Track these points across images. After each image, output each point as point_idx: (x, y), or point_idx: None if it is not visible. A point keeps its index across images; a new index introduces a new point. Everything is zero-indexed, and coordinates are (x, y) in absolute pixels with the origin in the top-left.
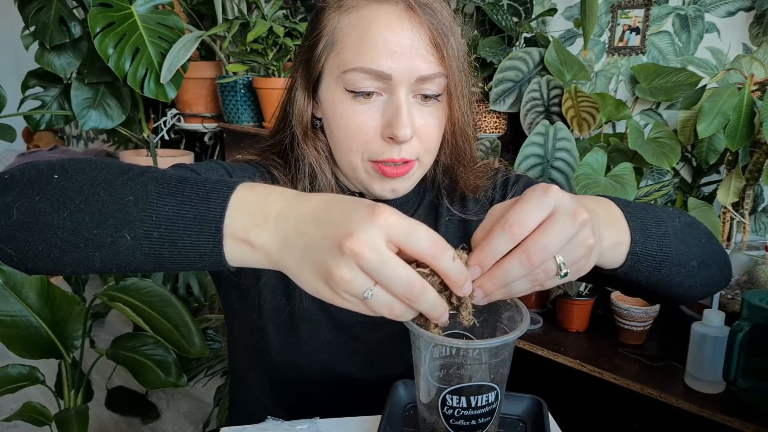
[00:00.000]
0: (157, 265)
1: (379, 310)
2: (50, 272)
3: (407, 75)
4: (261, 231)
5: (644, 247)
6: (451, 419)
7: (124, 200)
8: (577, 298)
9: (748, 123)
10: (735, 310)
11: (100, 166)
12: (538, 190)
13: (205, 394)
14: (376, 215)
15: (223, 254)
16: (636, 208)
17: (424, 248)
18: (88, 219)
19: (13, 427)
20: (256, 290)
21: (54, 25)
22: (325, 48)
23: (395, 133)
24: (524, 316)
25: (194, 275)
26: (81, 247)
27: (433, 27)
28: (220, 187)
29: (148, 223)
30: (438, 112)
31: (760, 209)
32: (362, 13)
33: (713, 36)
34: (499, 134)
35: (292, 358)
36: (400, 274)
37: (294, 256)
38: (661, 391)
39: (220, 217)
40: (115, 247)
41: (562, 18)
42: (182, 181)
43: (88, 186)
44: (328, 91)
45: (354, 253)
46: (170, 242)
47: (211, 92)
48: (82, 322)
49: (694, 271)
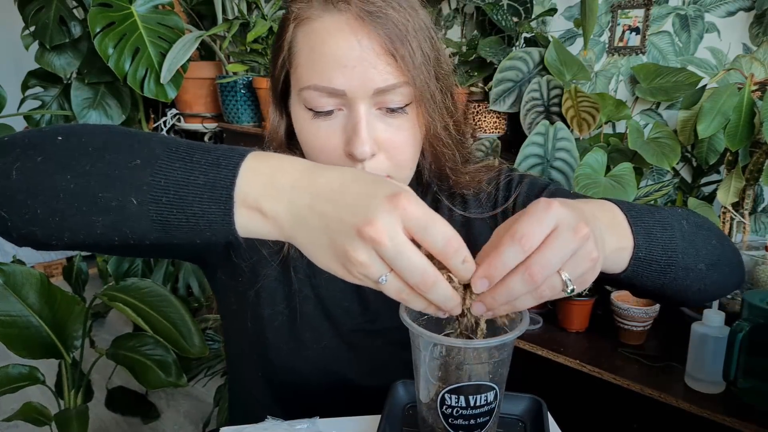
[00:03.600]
0: (162, 233)
1: (390, 294)
2: (44, 241)
3: (362, 89)
4: (274, 201)
5: (648, 251)
6: (450, 419)
7: (132, 164)
8: (577, 298)
9: (748, 123)
10: (735, 310)
11: (106, 130)
12: (541, 205)
13: (205, 394)
14: (396, 202)
15: (233, 222)
16: (641, 212)
17: (437, 244)
18: (93, 182)
19: (13, 427)
20: (253, 293)
21: (54, 25)
22: (284, 63)
23: (353, 152)
24: (524, 315)
25: (194, 275)
26: (84, 211)
27: (386, 35)
28: (231, 154)
29: (156, 188)
30: (407, 123)
31: (760, 209)
32: (313, 25)
33: (713, 36)
34: (499, 134)
35: (291, 364)
36: (415, 264)
37: (307, 232)
38: (661, 392)
39: (231, 185)
40: (121, 213)
41: (562, 18)
42: (192, 147)
43: (93, 149)
44: (294, 107)
45: (372, 240)
46: (178, 208)
47: (211, 92)
48: (82, 322)
49: (702, 274)
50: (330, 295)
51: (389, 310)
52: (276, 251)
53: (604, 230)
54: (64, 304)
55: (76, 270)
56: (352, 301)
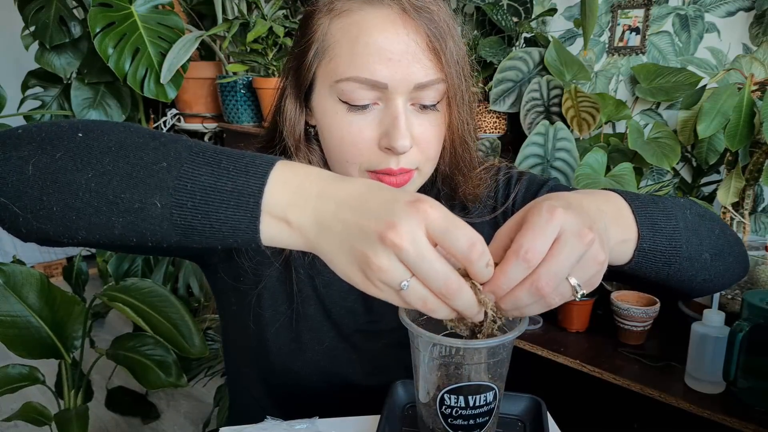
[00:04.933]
0: (183, 237)
1: (412, 303)
2: (55, 239)
3: (404, 83)
4: (300, 211)
5: (652, 242)
6: (450, 419)
7: (156, 166)
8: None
9: (748, 123)
10: (735, 310)
11: (128, 129)
12: (543, 212)
13: (205, 394)
14: (418, 207)
15: (258, 231)
16: (645, 202)
17: (462, 249)
18: (116, 182)
19: (13, 427)
20: (255, 294)
21: (54, 25)
22: (316, 55)
23: (393, 145)
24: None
25: (194, 275)
26: (103, 211)
27: (430, 31)
28: (259, 162)
29: (182, 192)
30: (437, 119)
31: (760, 209)
32: (354, 18)
33: (713, 36)
34: (499, 134)
35: (291, 365)
36: (438, 270)
37: (331, 240)
38: (661, 392)
39: (259, 193)
40: (142, 215)
41: (562, 18)
42: (218, 152)
43: (116, 147)
44: (321, 100)
45: (394, 245)
46: (204, 214)
47: (211, 92)
48: (82, 322)
49: (707, 264)
50: (332, 296)
51: (392, 311)
52: (278, 252)
53: (609, 222)
54: (64, 304)
55: (76, 270)
56: (355, 301)
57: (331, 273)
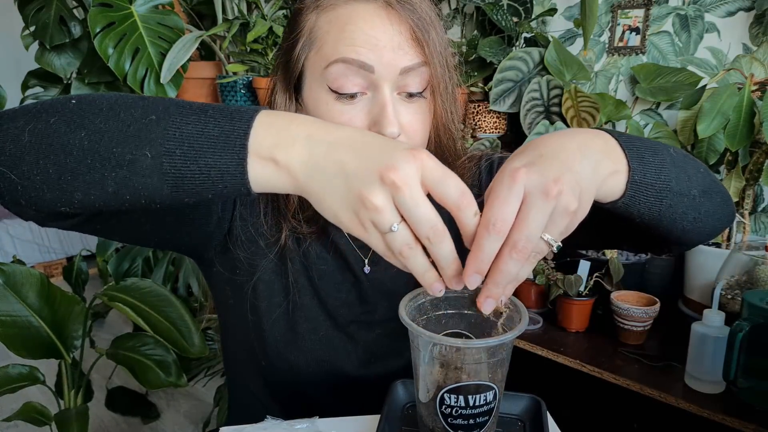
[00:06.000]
0: (175, 189)
1: (395, 247)
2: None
3: (390, 68)
4: (286, 151)
5: (643, 175)
6: (450, 418)
7: (146, 119)
8: (576, 298)
9: (748, 123)
10: (735, 310)
11: (120, 95)
12: (505, 179)
13: (205, 394)
14: (415, 155)
15: (246, 173)
16: (631, 138)
17: (453, 196)
18: (107, 138)
19: (13, 427)
20: (250, 286)
21: (54, 25)
22: (304, 47)
23: (382, 132)
24: (523, 315)
25: (194, 275)
26: (97, 168)
27: (414, 22)
28: (245, 109)
29: (171, 141)
30: (423, 107)
31: (760, 209)
32: (340, 11)
33: (713, 36)
34: (499, 134)
35: (288, 356)
36: (429, 215)
37: (322, 180)
38: (661, 391)
39: (245, 135)
40: (134, 167)
41: (562, 18)
42: (205, 105)
43: (107, 108)
44: (311, 91)
45: (394, 184)
46: (192, 160)
47: (211, 92)
48: (82, 322)
49: (696, 201)
50: (326, 288)
51: (386, 301)
52: (273, 242)
53: (598, 155)
54: (64, 304)
55: (76, 270)
56: (349, 292)
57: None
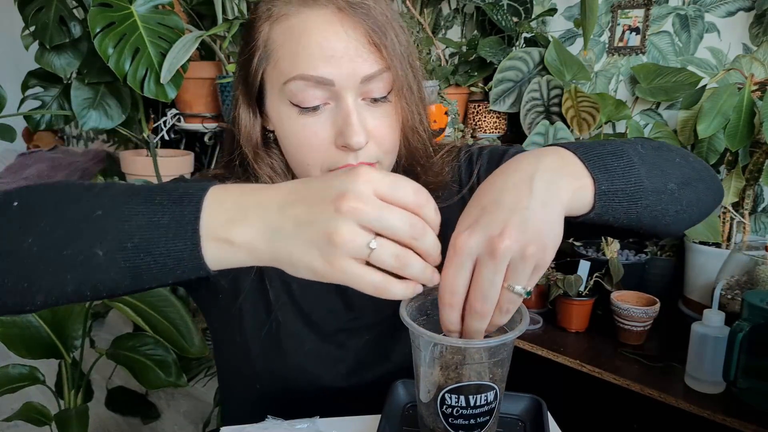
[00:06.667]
0: (134, 280)
1: (385, 261)
2: (19, 308)
3: (351, 78)
4: (241, 227)
5: (610, 182)
6: (450, 418)
7: (93, 215)
8: (576, 298)
9: (748, 123)
10: (735, 310)
11: (62, 186)
12: (450, 249)
13: (205, 394)
14: (358, 173)
15: (202, 257)
16: (590, 147)
17: (409, 197)
18: (56, 238)
19: (13, 427)
20: (236, 308)
21: (54, 25)
22: (261, 61)
23: (348, 142)
24: (523, 316)
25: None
26: (50, 272)
27: (368, 26)
28: (192, 191)
29: (121, 234)
30: (390, 111)
31: (760, 209)
32: (293, 21)
33: (713, 36)
34: (499, 134)
35: (277, 372)
36: (401, 217)
37: (285, 241)
38: (661, 392)
39: (195, 219)
40: (88, 265)
41: (562, 18)
42: (152, 190)
43: (51, 207)
44: (274, 106)
45: (352, 209)
46: (145, 251)
47: (211, 92)
48: (82, 322)
49: (675, 195)
50: (310, 300)
51: (373, 305)
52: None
53: (555, 175)
54: None
55: None
56: (335, 301)
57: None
